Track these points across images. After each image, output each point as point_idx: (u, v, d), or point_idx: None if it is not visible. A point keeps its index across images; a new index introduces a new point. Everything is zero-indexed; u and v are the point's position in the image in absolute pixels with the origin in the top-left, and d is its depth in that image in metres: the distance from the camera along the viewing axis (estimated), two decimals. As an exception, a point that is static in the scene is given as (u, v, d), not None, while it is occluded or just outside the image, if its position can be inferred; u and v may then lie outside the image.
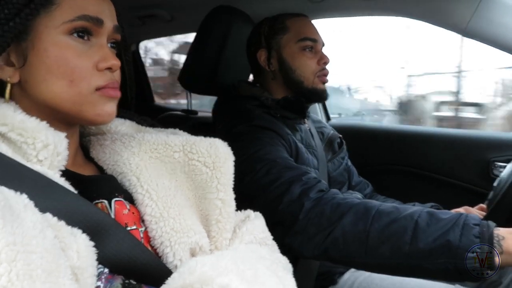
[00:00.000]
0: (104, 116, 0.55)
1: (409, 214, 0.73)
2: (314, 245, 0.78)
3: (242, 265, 0.52)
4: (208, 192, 0.63)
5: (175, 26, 1.69)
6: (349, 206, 0.78)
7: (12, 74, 0.53)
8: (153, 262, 0.53)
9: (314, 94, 1.12)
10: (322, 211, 0.79)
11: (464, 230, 0.67)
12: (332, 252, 0.77)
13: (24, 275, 0.35)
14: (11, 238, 0.36)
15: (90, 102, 0.54)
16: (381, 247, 0.72)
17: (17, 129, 0.49)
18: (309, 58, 1.10)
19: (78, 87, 0.52)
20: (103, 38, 0.56)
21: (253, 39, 1.16)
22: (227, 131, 1.02)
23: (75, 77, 0.52)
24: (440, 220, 0.70)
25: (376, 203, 0.79)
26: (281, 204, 0.82)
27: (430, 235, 0.69)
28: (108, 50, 0.56)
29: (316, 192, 0.82)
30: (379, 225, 0.73)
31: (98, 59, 0.54)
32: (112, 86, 0.55)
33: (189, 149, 0.64)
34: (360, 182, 1.34)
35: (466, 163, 1.39)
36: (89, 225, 0.47)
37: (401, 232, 0.71)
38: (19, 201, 0.41)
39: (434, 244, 0.68)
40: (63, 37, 0.52)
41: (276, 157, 0.92)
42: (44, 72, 0.52)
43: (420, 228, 0.70)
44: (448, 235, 0.67)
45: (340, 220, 0.76)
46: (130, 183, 0.59)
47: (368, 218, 0.74)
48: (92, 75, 0.53)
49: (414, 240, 0.69)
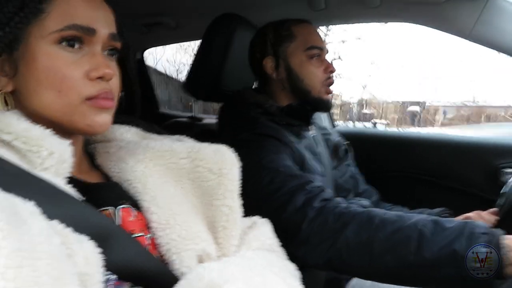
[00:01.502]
0: (95, 127, 0.54)
1: (413, 223, 0.72)
2: (317, 255, 0.77)
3: (250, 272, 0.51)
4: (215, 199, 0.62)
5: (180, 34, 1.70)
6: (352, 215, 0.77)
7: (6, 84, 0.53)
8: (160, 269, 0.52)
9: (319, 104, 1.12)
10: (325, 221, 0.78)
11: (470, 239, 0.66)
12: (336, 262, 0.76)
13: (30, 281, 0.35)
14: (18, 245, 0.36)
15: (80, 112, 0.53)
16: (385, 256, 0.71)
17: (22, 138, 0.49)
18: (316, 67, 1.10)
19: (67, 98, 0.52)
20: (96, 47, 0.54)
21: (259, 45, 1.15)
22: (231, 138, 1.02)
23: (64, 87, 0.51)
24: (445, 229, 0.69)
25: (380, 211, 0.78)
26: (285, 213, 0.82)
27: (435, 245, 0.68)
28: (101, 59, 0.54)
29: (320, 201, 0.82)
30: (383, 235, 0.72)
31: (89, 68, 0.53)
32: (105, 96, 0.54)
33: (195, 155, 0.63)
34: (366, 189, 1.33)
35: (474, 169, 1.38)
36: (95, 232, 0.46)
37: (405, 241, 0.70)
38: (26, 208, 0.41)
39: (439, 254, 0.67)
40: (52, 46, 0.51)
41: (280, 165, 0.91)
42: (34, 82, 0.51)
43: (425, 237, 0.69)
44: (453, 245, 0.67)
45: (343, 230, 0.75)
46: (136, 190, 0.59)
47: (371, 227, 0.74)
48: (82, 85, 0.52)
49: (419, 250, 0.69)
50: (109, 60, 0.57)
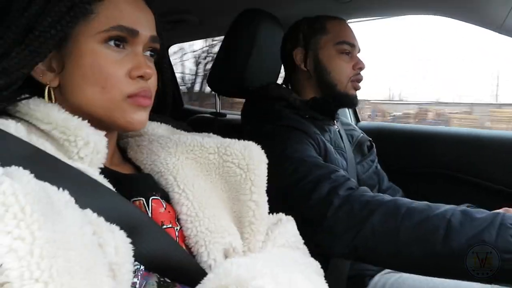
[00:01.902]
0: (134, 123, 0.56)
1: (441, 213, 0.71)
2: (343, 244, 0.77)
3: (276, 269, 0.52)
4: (242, 194, 0.63)
5: (203, 30, 1.72)
6: (379, 203, 0.76)
7: (52, 79, 0.55)
8: (187, 261, 0.53)
9: (345, 99, 1.12)
10: (351, 209, 0.77)
11: (501, 230, 0.65)
12: (361, 250, 0.76)
13: (64, 271, 0.36)
14: (52, 235, 0.37)
15: (120, 109, 0.55)
16: (412, 245, 0.70)
17: (60, 127, 0.51)
18: (346, 62, 1.10)
19: (110, 94, 0.54)
20: (138, 47, 0.57)
21: (291, 37, 1.16)
22: (255, 132, 1.02)
23: (107, 84, 0.54)
24: (475, 219, 0.68)
25: (407, 200, 0.77)
26: (310, 202, 0.81)
27: (464, 235, 0.67)
28: (142, 59, 0.57)
29: (345, 190, 0.81)
30: (410, 223, 0.71)
31: (131, 67, 0.55)
32: (144, 95, 0.56)
33: (224, 151, 0.64)
34: (390, 187, 1.32)
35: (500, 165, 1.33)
36: (126, 222, 0.47)
37: (433, 231, 0.69)
38: (61, 198, 0.42)
39: (467, 245, 0.66)
40: (98, 45, 0.54)
41: (304, 155, 0.91)
42: (79, 78, 0.54)
43: (453, 227, 0.68)
44: (483, 235, 0.65)
45: (370, 218, 0.75)
46: (167, 182, 0.60)
47: (398, 215, 0.73)
48: (124, 82, 0.55)
49: (446, 240, 0.67)
50: (149, 61, 0.59)
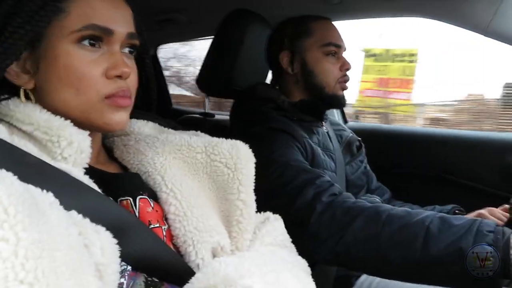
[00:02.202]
0: (112, 125, 0.55)
1: (420, 220, 0.71)
2: (326, 249, 0.77)
3: (264, 268, 0.52)
4: (230, 193, 0.63)
5: (192, 30, 1.71)
6: (360, 209, 0.77)
7: (27, 81, 0.54)
8: (175, 260, 0.53)
9: (333, 100, 1.12)
10: (333, 215, 0.78)
11: (478, 237, 0.65)
12: (343, 256, 0.76)
13: (50, 272, 0.36)
14: (37, 236, 0.36)
15: (98, 110, 0.54)
16: (392, 252, 0.71)
17: (43, 128, 0.50)
18: (332, 64, 1.10)
19: (85, 95, 0.53)
20: (115, 46, 0.55)
21: (276, 40, 1.15)
22: (242, 133, 1.02)
23: (83, 85, 0.52)
24: (453, 226, 0.68)
25: (388, 207, 0.78)
26: (294, 207, 0.82)
27: (442, 242, 0.67)
28: (119, 57, 0.55)
29: (329, 195, 0.82)
30: (390, 230, 0.72)
31: (107, 66, 0.54)
32: (122, 95, 0.55)
33: (211, 150, 0.64)
34: (378, 187, 1.33)
35: (487, 166, 1.36)
36: (112, 223, 0.47)
37: (412, 237, 0.70)
38: (45, 199, 0.41)
39: (445, 251, 0.66)
40: (72, 45, 0.52)
41: (290, 159, 0.91)
42: (55, 80, 0.53)
43: (432, 234, 0.69)
44: (460, 242, 0.66)
45: (351, 224, 0.75)
46: (155, 182, 0.60)
47: (379, 222, 0.73)
48: (101, 83, 0.53)
49: (425, 247, 0.68)
50: (127, 58, 0.58)
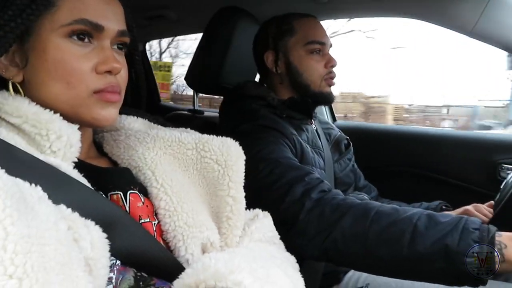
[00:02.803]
0: (101, 120, 0.55)
1: (408, 217, 0.72)
2: (314, 246, 0.78)
3: (254, 263, 0.52)
4: (220, 190, 0.64)
5: (181, 27, 1.70)
6: (349, 206, 0.78)
7: (16, 74, 0.54)
8: (165, 255, 0.53)
9: (320, 97, 1.12)
10: (322, 212, 0.79)
11: (463, 234, 0.66)
12: (331, 253, 0.77)
13: (39, 266, 0.36)
14: (26, 231, 0.36)
15: (86, 105, 0.54)
16: (380, 249, 0.72)
17: (31, 121, 0.50)
18: (317, 62, 1.10)
19: (75, 90, 0.52)
20: (105, 41, 0.55)
21: (261, 39, 1.15)
22: (231, 130, 1.02)
23: (72, 80, 0.52)
24: (439, 223, 0.70)
25: (377, 204, 0.78)
26: (283, 204, 0.82)
27: (428, 239, 0.68)
28: (109, 53, 0.55)
29: (318, 192, 0.82)
30: (378, 227, 0.73)
31: (97, 61, 0.54)
32: (111, 90, 0.55)
33: (202, 146, 0.65)
34: (366, 185, 1.34)
35: (473, 165, 1.38)
36: (101, 217, 0.47)
37: (399, 234, 0.71)
38: (34, 193, 0.41)
39: (432, 248, 0.67)
40: (62, 39, 0.52)
41: (280, 156, 0.92)
42: (44, 74, 0.52)
43: (419, 231, 0.70)
44: (446, 239, 0.67)
45: (340, 221, 0.76)
46: (145, 177, 0.60)
47: (367, 219, 0.74)
48: (90, 78, 0.53)
49: (412, 243, 0.69)
50: (118, 54, 0.58)
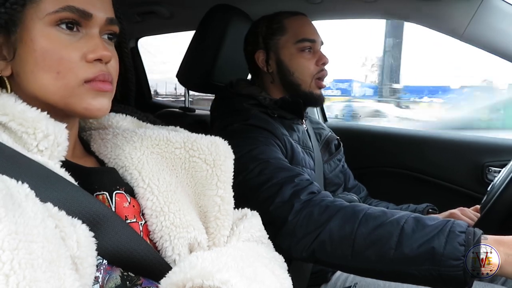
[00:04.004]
0: (93, 110, 0.54)
1: (395, 219, 0.73)
2: (302, 247, 0.78)
3: (241, 262, 0.52)
4: (208, 189, 0.63)
5: (174, 24, 1.69)
6: (338, 208, 0.78)
7: (4, 67, 0.53)
8: (152, 255, 0.53)
9: (310, 98, 1.11)
10: (310, 213, 0.79)
11: (449, 238, 0.67)
12: (319, 254, 0.77)
13: (26, 263, 0.35)
14: (13, 227, 0.36)
15: (77, 95, 0.52)
16: (367, 251, 0.72)
17: (18, 119, 0.49)
18: (307, 60, 1.09)
19: (65, 79, 0.51)
20: (94, 29, 0.54)
21: (251, 38, 1.15)
22: (222, 129, 1.02)
23: (62, 69, 0.51)
24: (426, 226, 0.70)
25: (365, 206, 0.79)
26: (272, 205, 0.82)
27: (415, 241, 0.69)
28: (98, 41, 0.54)
29: (307, 194, 0.83)
30: (366, 229, 0.73)
31: (87, 50, 0.52)
32: (102, 79, 0.53)
33: (190, 146, 0.64)
34: (355, 185, 1.35)
35: (461, 167, 1.40)
36: (88, 216, 0.47)
37: (386, 237, 0.71)
38: (21, 190, 0.41)
39: (418, 251, 0.68)
40: (49, 28, 0.51)
41: (270, 157, 0.92)
42: (32, 65, 0.51)
43: (406, 234, 0.70)
44: (432, 242, 0.68)
45: (328, 223, 0.76)
46: (132, 177, 0.59)
47: (355, 221, 0.75)
48: (80, 66, 0.52)
49: (399, 246, 0.70)
50: (108, 44, 0.57)
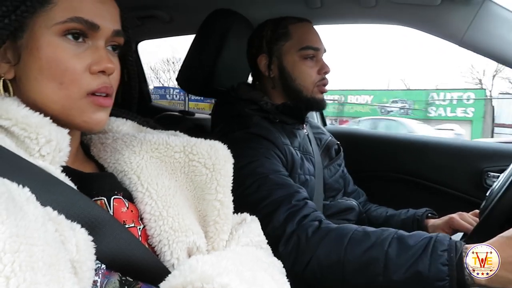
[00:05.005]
0: (91, 124, 0.55)
1: (379, 243, 0.74)
2: (294, 275, 0.77)
3: (241, 266, 0.52)
4: (207, 193, 0.63)
5: (174, 28, 1.69)
6: (323, 234, 0.79)
7: (7, 70, 0.53)
8: (150, 259, 0.53)
9: (312, 103, 1.11)
10: (298, 242, 0.80)
11: (432, 258, 0.68)
12: (311, 281, 0.78)
13: (27, 266, 0.36)
14: (15, 230, 0.36)
15: (78, 107, 0.53)
16: (357, 276, 0.73)
17: (21, 124, 0.49)
18: (310, 67, 1.09)
19: (68, 90, 0.52)
20: (99, 41, 0.55)
21: (255, 42, 1.15)
22: (223, 135, 1.02)
23: (65, 80, 0.52)
24: (410, 248, 0.71)
25: (351, 228, 0.79)
26: (267, 227, 0.82)
27: (401, 266, 0.70)
28: (103, 53, 0.55)
29: (300, 218, 0.83)
30: (352, 256, 0.74)
31: (91, 61, 0.53)
32: (105, 91, 0.55)
33: (190, 150, 0.64)
34: (355, 190, 1.35)
35: (459, 172, 1.40)
36: (87, 220, 0.47)
37: (373, 262, 0.72)
38: (22, 194, 0.41)
39: (405, 276, 0.69)
40: (56, 38, 0.52)
41: (269, 171, 0.91)
42: (36, 72, 0.52)
43: (391, 259, 0.71)
44: (417, 266, 0.68)
45: (315, 252, 0.77)
46: (131, 182, 0.59)
47: (341, 248, 0.76)
48: (84, 78, 0.53)
49: (386, 272, 0.71)
50: (111, 55, 0.57)
